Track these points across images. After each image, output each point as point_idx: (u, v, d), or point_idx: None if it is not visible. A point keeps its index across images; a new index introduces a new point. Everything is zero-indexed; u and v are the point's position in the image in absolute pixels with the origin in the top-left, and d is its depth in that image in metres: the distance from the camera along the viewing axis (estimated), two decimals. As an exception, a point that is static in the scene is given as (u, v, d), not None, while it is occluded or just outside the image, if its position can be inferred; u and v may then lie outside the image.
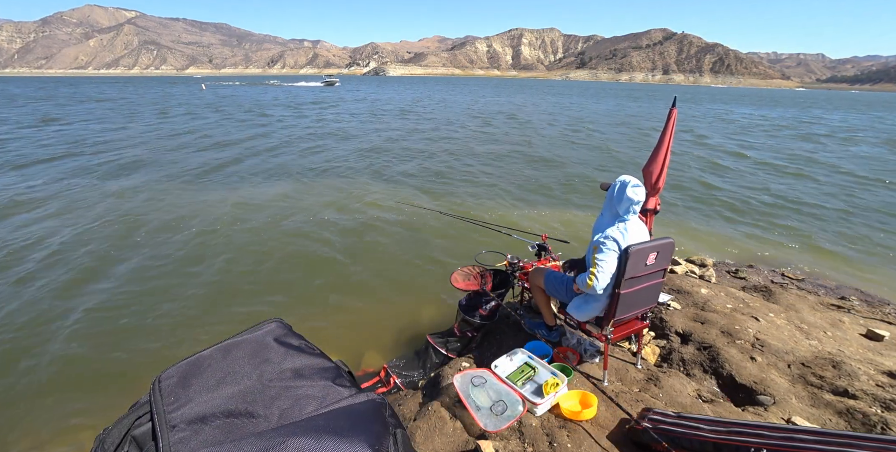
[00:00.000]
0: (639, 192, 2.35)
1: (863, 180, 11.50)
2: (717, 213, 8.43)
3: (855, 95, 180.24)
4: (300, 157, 13.19)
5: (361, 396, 0.92)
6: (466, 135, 18.73)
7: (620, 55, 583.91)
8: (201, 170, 11.08)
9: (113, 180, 9.98)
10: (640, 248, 2.26)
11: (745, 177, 11.73)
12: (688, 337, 3.25)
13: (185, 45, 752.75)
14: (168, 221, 7.24)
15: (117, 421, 0.89)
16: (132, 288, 5.07)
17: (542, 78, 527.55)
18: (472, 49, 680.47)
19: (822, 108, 50.30)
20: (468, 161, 12.99)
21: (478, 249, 4.01)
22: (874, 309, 4.35)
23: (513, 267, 3.58)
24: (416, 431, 2.36)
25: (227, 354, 1.02)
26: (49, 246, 6.15)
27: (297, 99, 43.22)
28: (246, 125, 20.89)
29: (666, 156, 3.38)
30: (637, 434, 2.15)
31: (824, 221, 8.01)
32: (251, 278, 5.40)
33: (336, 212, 7.94)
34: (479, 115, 27.72)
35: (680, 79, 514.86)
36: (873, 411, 2.41)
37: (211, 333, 4.26)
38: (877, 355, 3.23)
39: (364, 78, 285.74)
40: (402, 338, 4.18)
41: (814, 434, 1.84)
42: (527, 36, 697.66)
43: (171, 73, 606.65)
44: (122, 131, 18.12)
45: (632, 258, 2.25)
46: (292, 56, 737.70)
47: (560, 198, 9.28)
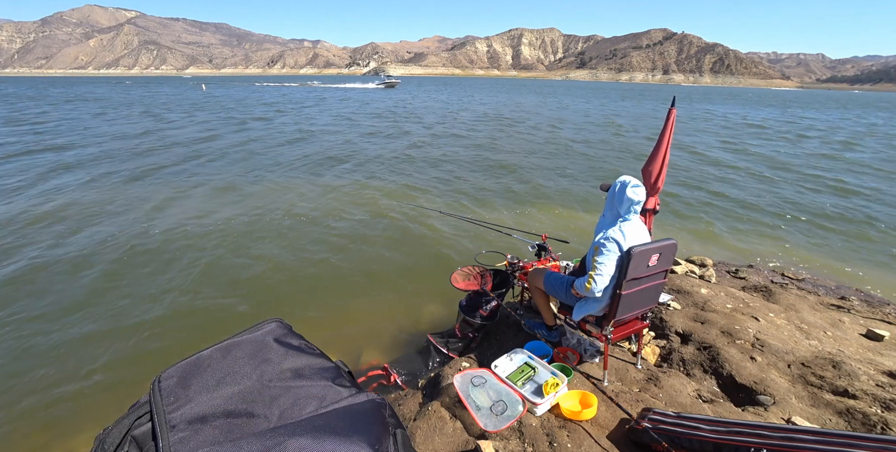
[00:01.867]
0: (639, 192, 2.36)
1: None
2: (717, 213, 8.43)
3: (853, 95, 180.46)
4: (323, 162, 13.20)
5: (361, 396, 0.92)
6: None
7: (620, 55, 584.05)
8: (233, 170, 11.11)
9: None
10: (642, 250, 2.26)
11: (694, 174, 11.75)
12: (688, 337, 3.25)
13: (185, 45, 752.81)
14: (142, 221, 7.25)
15: (117, 421, 0.89)
16: (132, 288, 5.07)
17: (542, 78, 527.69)
18: (472, 49, 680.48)
19: (810, 109, 49.24)
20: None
21: (478, 249, 4.01)
22: (874, 309, 4.35)
23: (513, 268, 3.58)
24: (416, 431, 2.36)
25: (227, 354, 1.02)
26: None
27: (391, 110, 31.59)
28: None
29: (665, 156, 3.38)
30: (637, 434, 2.15)
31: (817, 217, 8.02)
32: (250, 278, 5.40)
33: (335, 212, 7.94)
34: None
35: (680, 79, 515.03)
36: (873, 411, 2.41)
37: (210, 334, 4.26)
38: (877, 355, 3.24)
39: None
40: (402, 338, 4.18)
41: (814, 434, 1.84)
42: (527, 36, 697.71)
43: (171, 73, 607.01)
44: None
45: (634, 259, 2.25)
46: (292, 56, 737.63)
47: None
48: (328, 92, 61.86)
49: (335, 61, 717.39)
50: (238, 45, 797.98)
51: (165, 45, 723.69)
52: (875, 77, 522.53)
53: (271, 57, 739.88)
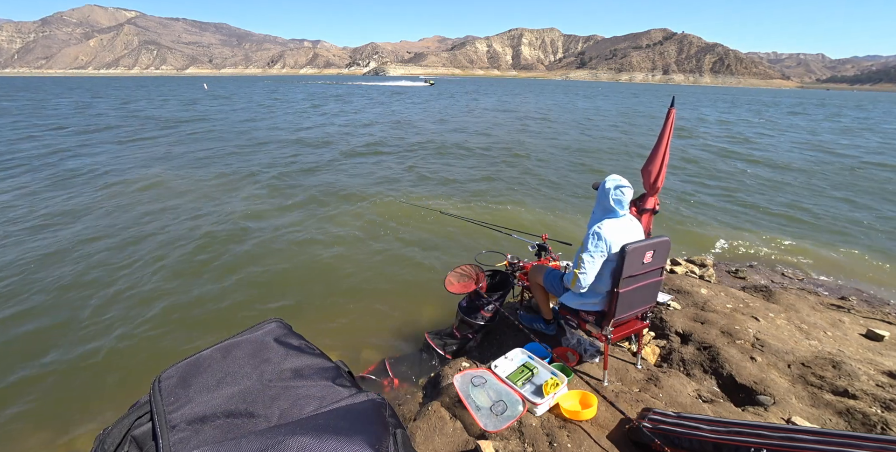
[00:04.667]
0: (625, 190, 2.42)
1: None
2: (717, 213, 8.43)
3: (851, 95, 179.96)
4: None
5: (361, 396, 0.92)
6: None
7: (620, 55, 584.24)
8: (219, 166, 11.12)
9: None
10: (636, 247, 2.28)
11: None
12: (688, 337, 3.25)
13: (185, 45, 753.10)
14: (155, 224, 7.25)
15: (117, 421, 0.89)
16: (130, 289, 5.07)
17: (541, 78, 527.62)
18: (472, 49, 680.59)
19: (789, 109, 47.55)
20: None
21: (478, 249, 4.01)
22: (874, 309, 4.35)
23: (513, 267, 3.58)
24: (416, 431, 2.36)
25: (227, 354, 1.02)
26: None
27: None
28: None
29: (664, 156, 3.38)
30: (637, 434, 2.15)
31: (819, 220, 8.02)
32: (250, 278, 5.40)
33: (336, 212, 7.94)
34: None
35: (680, 79, 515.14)
36: (873, 411, 2.41)
37: (210, 334, 4.27)
38: (877, 355, 3.24)
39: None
40: (402, 338, 4.18)
41: (814, 434, 1.84)
42: (527, 36, 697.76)
43: (171, 72, 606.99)
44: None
45: (629, 256, 2.27)
46: (292, 56, 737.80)
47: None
48: (385, 89, 70.42)
49: (335, 61, 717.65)
50: (238, 45, 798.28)
51: (165, 45, 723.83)
52: (875, 77, 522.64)
53: (271, 57, 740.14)
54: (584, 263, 2.41)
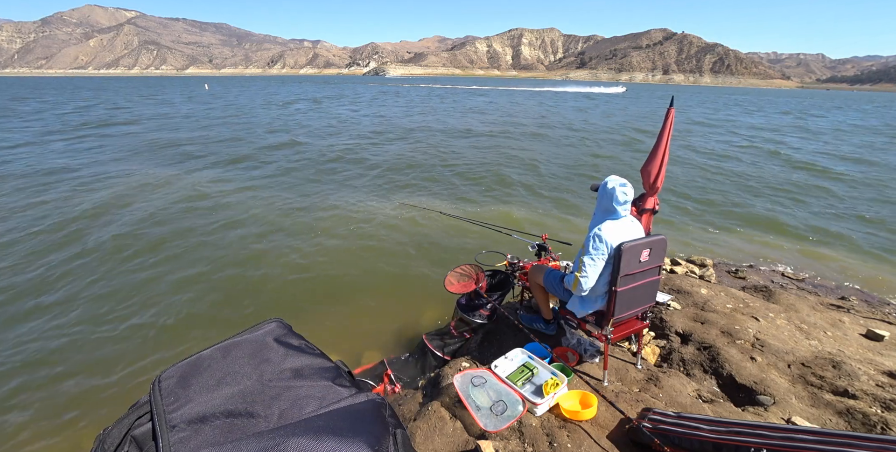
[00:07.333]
0: (626, 191, 2.40)
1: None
2: (717, 214, 8.43)
3: (849, 95, 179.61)
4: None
5: (361, 396, 0.92)
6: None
7: (620, 55, 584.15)
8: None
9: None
10: (632, 245, 2.28)
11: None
12: (688, 337, 3.25)
13: (185, 45, 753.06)
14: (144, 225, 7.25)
15: (117, 421, 0.89)
16: (129, 290, 5.07)
17: (542, 78, 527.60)
18: (472, 49, 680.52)
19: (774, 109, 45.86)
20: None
21: (478, 249, 4.01)
22: (874, 309, 4.35)
23: (513, 268, 3.57)
24: (416, 431, 2.36)
25: (227, 354, 1.02)
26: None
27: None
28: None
29: (664, 156, 3.38)
30: (637, 434, 2.15)
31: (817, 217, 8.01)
32: (250, 278, 5.40)
33: (336, 212, 7.94)
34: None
35: (680, 79, 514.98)
36: (873, 411, 2.41)
37: (210, 334, 4.26)
38: (877, 355, 3.23)
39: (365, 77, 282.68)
40: (401, 338, 4.18)
41: (814, 434, 1.84)
42: (527, 36, 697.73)
43: (171, 73, 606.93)
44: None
45: (625, 255, 2.27)
46: (292, 56, 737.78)
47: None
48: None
49: (335, 61, 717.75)
50: (238, 45, 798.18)
51: (165, 45, 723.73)
52: (875, 77, 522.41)
53: (271, 57, 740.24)
54: (585, 266, 2.37)
